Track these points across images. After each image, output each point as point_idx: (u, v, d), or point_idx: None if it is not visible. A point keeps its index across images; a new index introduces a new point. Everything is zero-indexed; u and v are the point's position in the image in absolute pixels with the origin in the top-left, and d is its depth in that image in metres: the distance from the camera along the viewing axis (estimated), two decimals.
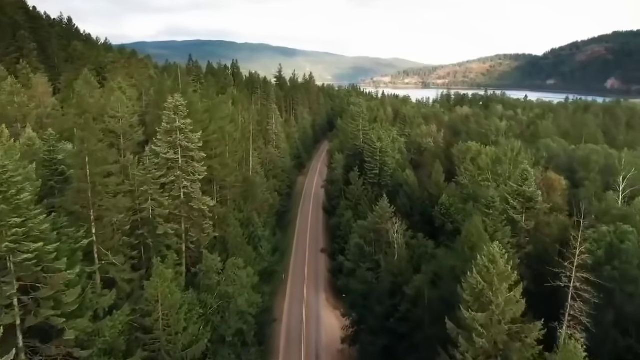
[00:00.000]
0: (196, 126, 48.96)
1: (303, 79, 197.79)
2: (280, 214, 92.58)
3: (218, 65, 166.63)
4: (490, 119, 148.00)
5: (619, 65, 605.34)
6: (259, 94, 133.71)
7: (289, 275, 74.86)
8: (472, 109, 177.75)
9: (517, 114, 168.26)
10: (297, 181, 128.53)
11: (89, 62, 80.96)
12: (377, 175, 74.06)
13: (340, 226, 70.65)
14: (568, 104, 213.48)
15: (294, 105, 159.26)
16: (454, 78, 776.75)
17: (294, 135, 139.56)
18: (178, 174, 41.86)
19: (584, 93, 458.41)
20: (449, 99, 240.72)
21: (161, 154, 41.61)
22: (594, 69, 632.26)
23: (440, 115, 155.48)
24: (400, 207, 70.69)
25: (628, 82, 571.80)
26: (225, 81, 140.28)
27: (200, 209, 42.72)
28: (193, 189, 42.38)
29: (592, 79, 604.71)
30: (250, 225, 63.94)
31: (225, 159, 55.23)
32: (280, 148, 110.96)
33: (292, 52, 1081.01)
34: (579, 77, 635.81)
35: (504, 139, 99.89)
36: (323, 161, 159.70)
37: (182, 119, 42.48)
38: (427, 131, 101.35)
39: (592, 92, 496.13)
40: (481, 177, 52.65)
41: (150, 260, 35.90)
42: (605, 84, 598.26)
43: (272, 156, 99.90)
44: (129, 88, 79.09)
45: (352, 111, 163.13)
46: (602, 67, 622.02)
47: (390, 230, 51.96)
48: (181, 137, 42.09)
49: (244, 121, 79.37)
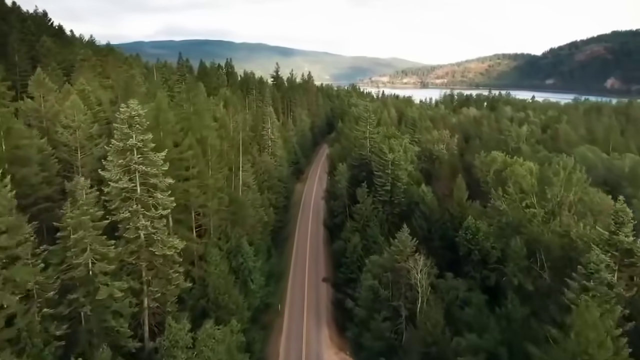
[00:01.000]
0: (166, 140, 37.63)
1: (301, 78, 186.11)
2: (276, 230, 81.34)
3: (211, 65, 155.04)
4: (502, 122, 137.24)
5: (618, 64, 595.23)
6: (254, 95, 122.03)
7: (286, 306, 63.61)
8: (481, 111, 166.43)
9: (529, 115, 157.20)
10: (294, 189, 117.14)
11: (55, 61, 69.24)
12: (388, 192, 62.73)
13: (346, 252, 59.41)
14: (578, 105, 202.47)
15: (292, 106, 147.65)
16: (452, 78, 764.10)
17: (292, 140, 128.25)
18: (134, 209, 30.50)
19: (584, 93, 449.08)
20: (452, 99, 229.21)
21: (111, 181, 30.23)
22: (594, 68, 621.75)
23: (448, 118, 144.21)
24: (417, 230, 59.52)
25: (628, 82, 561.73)
26: (218, 81, 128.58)
27: (165, 255, 31.36)
28: (156, 227, 31.03)
29: (592, 79, 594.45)
30: (240, 255, 52.70)
31: (207, 178, 43.87)
32: (277, 155, 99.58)
33: (290, 52, 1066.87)
34: (578, 77, 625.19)
35: (525, 145, 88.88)
36: (323, 166, 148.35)
37: (141, 133, 31.13)
38: (439, 137, 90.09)
39: (591, 91, 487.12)
40: (525, 202, 41.53)
41: (89, 342, 24.55)
42: (605, 83, 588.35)
43: (268, 165, 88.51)
44: (103, 90, 67.60)
45: (353, 113, 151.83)
46: (602, 67, 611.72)
47: (412, 270, 40.85)
48: (138, 158, 30.72)
49: (235, 127, 67.96)
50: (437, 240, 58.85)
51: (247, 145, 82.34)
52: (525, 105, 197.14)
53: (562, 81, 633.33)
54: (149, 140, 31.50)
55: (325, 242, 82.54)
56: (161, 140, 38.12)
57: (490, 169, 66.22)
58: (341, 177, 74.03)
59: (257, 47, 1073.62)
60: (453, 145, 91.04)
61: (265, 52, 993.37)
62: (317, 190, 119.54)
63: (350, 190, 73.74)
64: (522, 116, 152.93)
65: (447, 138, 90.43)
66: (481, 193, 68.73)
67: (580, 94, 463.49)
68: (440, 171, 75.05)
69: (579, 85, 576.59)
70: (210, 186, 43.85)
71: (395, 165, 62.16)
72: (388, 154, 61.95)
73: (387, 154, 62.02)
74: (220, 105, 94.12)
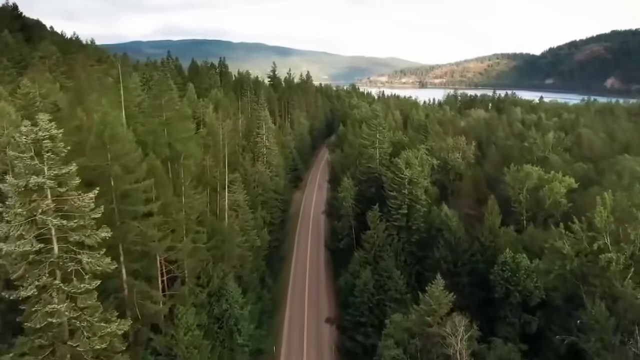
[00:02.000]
0: (114, 167, 26.71)
1: (300, 78, 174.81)
2: (272, 251, 70.36)
3: (203, 64, 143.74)
4: (515, 125, 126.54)
5: (618, 64, 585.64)
6: (249, 97, 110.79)
7: (282, 348, 52.88)
8: (489, 113, 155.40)
9: (542, 118, 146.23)
10: (293, 199, 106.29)
11: (10, 58, 58.17)
12: (404, 216, 51.66)
13: (355, 290, 48.48)
14: (589, 106, 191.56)
15: (289, 108, 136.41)
16: (451, 77, 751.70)
17: (289, 145, 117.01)
18: (44, 282, 19.59)
19: (584, 92, 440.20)
20: (455, 100, 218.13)
21: (7, 240, 19.30)
22: (593, 68, 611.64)
23: (456, 121, 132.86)
24: (440, 262, 48.75)
25: (628, 82, 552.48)
26: (210, 82, 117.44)
27: (95, 350, 20.41)
28: (79, 308, 20.11)
29: (591, 79, 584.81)
30: (224, 299, 41.74)
31: (176, 211, 32.83)
32: (272, 164, 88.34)
33: (288, 52, 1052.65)
34: (578, 77, 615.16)
35: (554, 155, 77.88)
36: (323, 171, 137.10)
37: (59, 166, 20.23)
38: (454, 144, 78.95)
39: (591, 91, 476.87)
40: (597, 244, 30.67)
41: None
42: (604, 83, 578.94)
43: (262, 176, 77.34)
44: (65, 94, 56.40)
45: (355, 116, 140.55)
46: (601, 67, 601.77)
47: (449, 337, 30.03)
48: (52, 204, 19.81)
49: (222, 136, 56.83)
50: (465, 275, 48.01)
51: (238, 156, 71.28)
52: (534, 106, 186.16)
53: (561, 81, 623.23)
54: (70, 175, 20.49)
55: (326, 267, 71.63)
56: (107, 166, 27.12)
57: (524, 185, 55.38)
58: (346, 194, 62.97)
59: (255, 46, 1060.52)
60: (470, 154, 79.92)
61: (263, 51, 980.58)
62: (317, 200, 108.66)
63: (357, 209, 62.82)
64: (533, 119, 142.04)
65: (464, 145, 79.27)
66: (512, 214, 58.01)
67: (580, 93, 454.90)
68: (461, 187, 64.12)
69: (578, 85, 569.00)
70: (181, 221, 32.96)
71: (414, 184, 51.16)
72: (404, 170, 50.90)
73: (403, 170, 50.97)
74: (210, 109, 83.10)
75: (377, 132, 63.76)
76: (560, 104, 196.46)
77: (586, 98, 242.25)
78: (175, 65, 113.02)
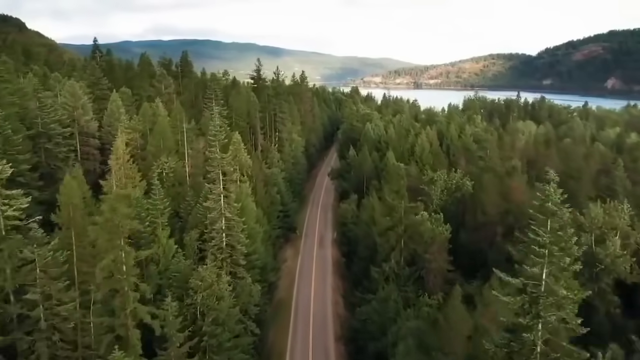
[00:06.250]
0: None
1: (292, 80, 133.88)
2: None
3: (163, 60, 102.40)
4: (597, 149, 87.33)
5: (618, 64, 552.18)
6: (212, 108, 69.71)
7: None
8: (543, 126, 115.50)
9: (609, 134, 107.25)
10: (281, 268, 65.77)
11: None
12: None
13: None
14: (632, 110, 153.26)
15: (277, 122, 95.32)
16: (446, 78, 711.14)
17: (277, 178, 76.34)
18: None
19: (583, 93, 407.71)
20: (475, 105, 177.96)
21: None
22: (592, 68, 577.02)
23: (505, 141, 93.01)
24: None
25: (629, 82, 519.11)
26: (159, 86, 76.56)
27: None
28: None
29: (591, 79, 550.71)
30: None
31: None
32: (247, 227, 47.74)
33: (279, 52, 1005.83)
34: (577, 77, 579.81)
35: None
36: (324, 207, 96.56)
37: None
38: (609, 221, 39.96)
39: (591, 92, 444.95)
40: None
41: None
42: (605, 83, 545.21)
43: (210, 302, 37.20)
44: None
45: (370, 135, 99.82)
46: (601, 67, 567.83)
47: None
48: None
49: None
50: None
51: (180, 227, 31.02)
52: (579, 113, 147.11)
53: (560, 81, 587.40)
54: None
55: None
56: None
57: None
58: None
59: (246, 46, 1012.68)
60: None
61: (254, 52, 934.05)
62: (318, 267, 68.21)
63: None
64: (609, 135, 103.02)
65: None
66: None
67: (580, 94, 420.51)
68: None
69: (577, 85, 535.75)
70: None
71: None
72: None
73: None
74: (120, 149, 42.44)
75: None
76: (607, 111, 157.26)
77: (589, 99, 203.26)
78: (105, 61, 72.05)
